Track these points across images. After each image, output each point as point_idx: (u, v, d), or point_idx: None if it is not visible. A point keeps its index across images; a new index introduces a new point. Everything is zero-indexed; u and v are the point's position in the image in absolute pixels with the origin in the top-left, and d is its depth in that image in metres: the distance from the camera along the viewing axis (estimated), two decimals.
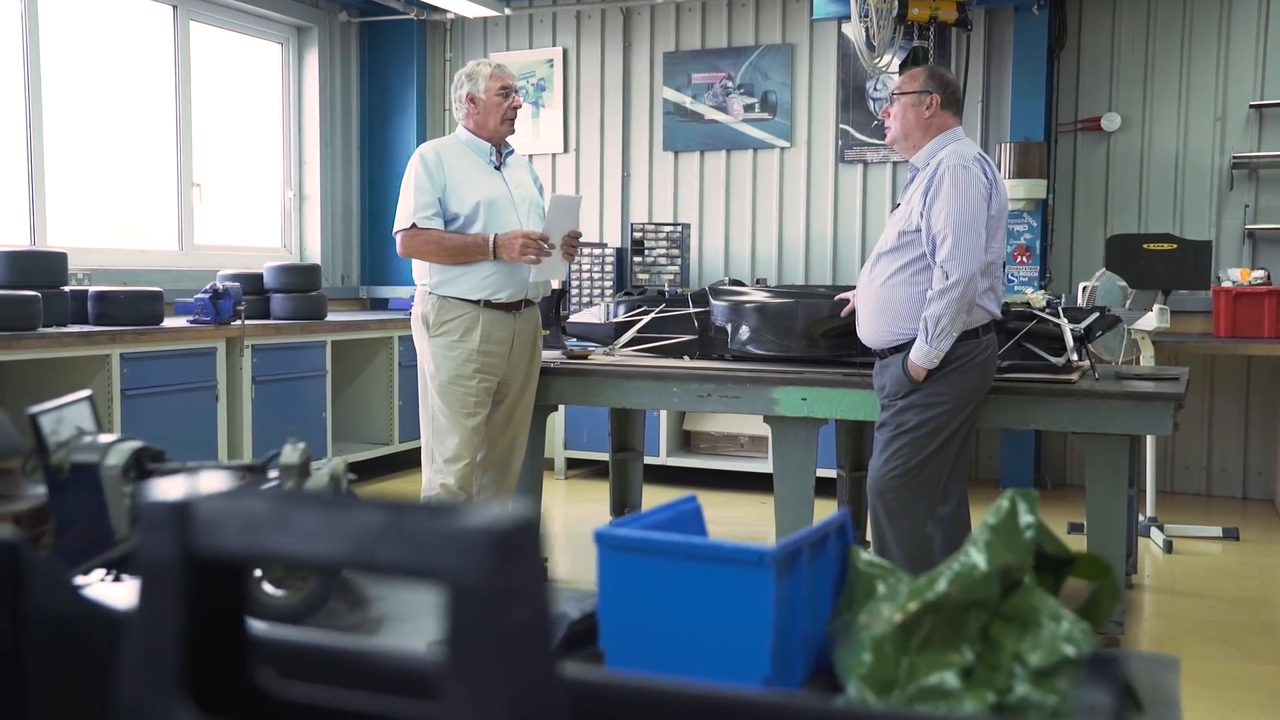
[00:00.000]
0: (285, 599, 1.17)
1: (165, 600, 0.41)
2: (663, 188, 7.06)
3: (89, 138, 5.89)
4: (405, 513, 0.39)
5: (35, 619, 0.58)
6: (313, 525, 0.40)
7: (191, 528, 0.41)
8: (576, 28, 7.23)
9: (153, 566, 0.41)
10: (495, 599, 0.37)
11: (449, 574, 0.38)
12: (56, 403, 1.21)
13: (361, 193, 7.50)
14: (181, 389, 5.01)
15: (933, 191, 3.32)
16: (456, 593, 0.37)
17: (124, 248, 6.12)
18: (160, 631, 0.41)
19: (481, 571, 0.37)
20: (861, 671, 0.85)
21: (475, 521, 0.38)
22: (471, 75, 4.12)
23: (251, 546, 0.41)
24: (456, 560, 0.37)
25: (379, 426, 6.39)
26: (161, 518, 0.41)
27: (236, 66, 6.84)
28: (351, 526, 0.39)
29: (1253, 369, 6.04)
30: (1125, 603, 4.04)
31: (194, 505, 0.41)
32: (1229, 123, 6.03)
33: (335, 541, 0.40)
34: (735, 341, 4.27)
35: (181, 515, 0.41)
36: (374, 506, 0.40)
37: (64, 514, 1.17)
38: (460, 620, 0.37)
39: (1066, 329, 3.89)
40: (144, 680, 0.41)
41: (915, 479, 3.40)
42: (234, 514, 0.41)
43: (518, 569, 0.38)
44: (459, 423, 4.02)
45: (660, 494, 5.73)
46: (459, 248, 3.98)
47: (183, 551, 0.41)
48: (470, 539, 0.37)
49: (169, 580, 0.41)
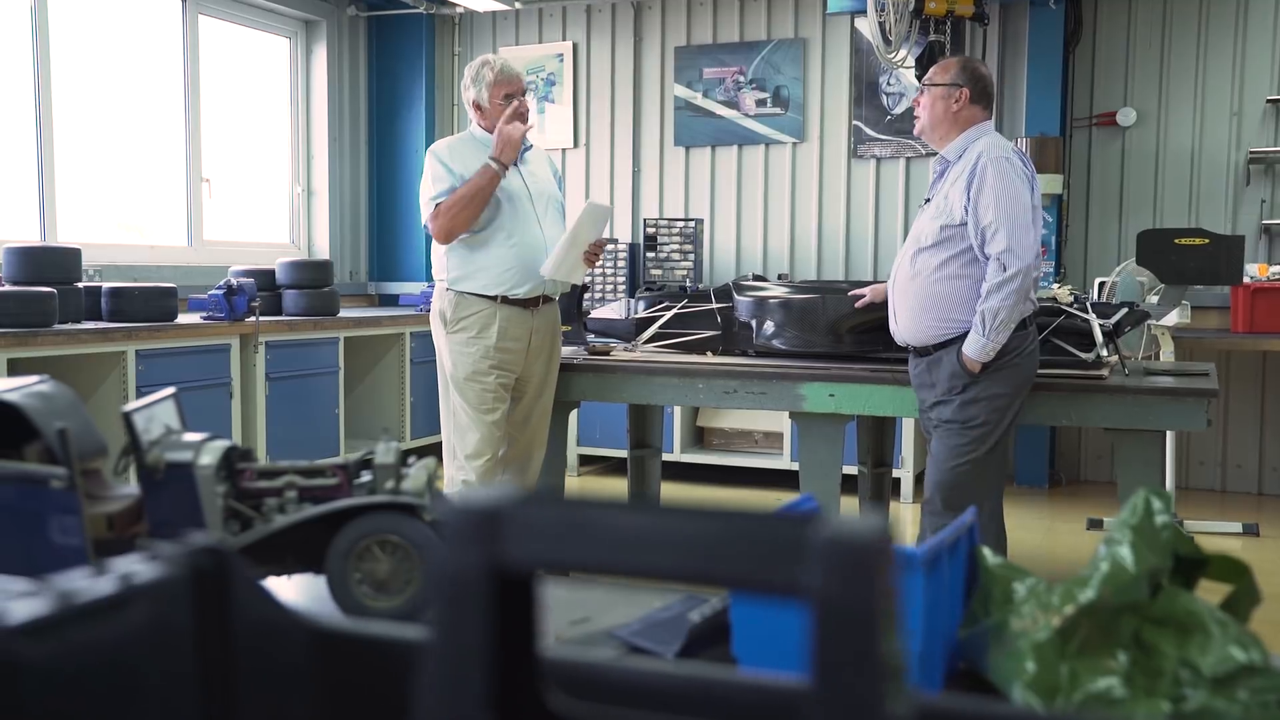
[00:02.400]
0: (388, 602, 1.13)
1: (471, 616, 0.38)
2: (674, 183, 7.03)
3: (95, 132, 5.84)
4: (745, 521, 0.36)
5: (243, 629, 0.55)
6: (638, 534, 0.37)
7: (500, 538, 0.38)
8: (587, 22, 7.19)
9: (458, 579, 0.38)
10: (868, 619, 0.34)
11: (815, 591, 0.35)
12: (146, 400, 1.18)
13: (370, 188, 7.45)
14: (197, 386, 4.97)
15: (976, 184, 3.30)
16: (825, 613, 0.34)
17: (133, 243, 6.07)
18: (466, 650, 0.38)
19: (855, 589, 0.34)
20: (1026, 679, 0.82)
21: (843, 533, 0.35)
22: (476, 80, 4.03)
23: (565, 557, 0.37)
24: (827, 576, 0.34)
25: (391, 423, 6.35)
26: (469, 527, 0.38)
27: (244, 61, 6.79)
28: (687, 535, 0.36)
29: (1269, 364, 6.02)
30: None
31: (503, 513, 0.38)
32: (1245, 118, 6.01)
33: (668, 552, 0.36)
34: (760, 337, 4.24)
35: (490, 524, 0.38)
36: (704, 514, 0.37)
37: (158, 515, 1.14)
38: (830, 643, 0.34)
39: (1096, 325, 3.87)
40: (448, 702, 0.38)
41: (982, 472, 3.40)
42: (546, 523, 0.38)
43: (886, 585, 0.35)
44: (479, 418, 3.99)
45: (675, 491, 5.71)
46: (473, 189, 3.85)
47: (491, 563, 0.38)
48: (843, 552, 0.34)
49: (476, 594, 0.38)
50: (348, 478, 1.20)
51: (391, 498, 1.14)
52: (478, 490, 0.38)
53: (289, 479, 1.19)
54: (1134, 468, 3.61)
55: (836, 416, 3.94)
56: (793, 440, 6.03)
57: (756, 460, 6.21)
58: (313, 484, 1.19)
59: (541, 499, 0.38)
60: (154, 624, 0.50)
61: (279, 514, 1.17)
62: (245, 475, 1.19)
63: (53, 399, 1.17)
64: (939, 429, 3.51)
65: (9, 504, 1.06)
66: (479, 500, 0.38)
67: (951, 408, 3.46)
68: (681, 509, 0.37)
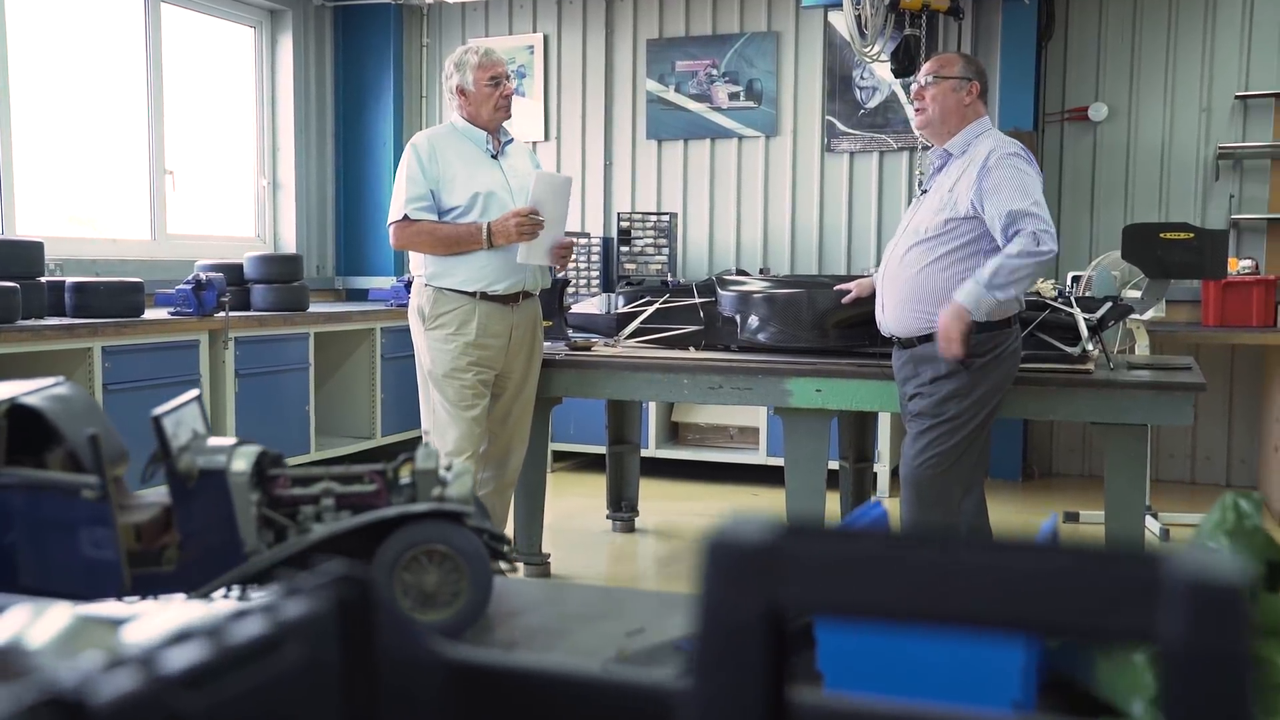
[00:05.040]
0: (435, 615, 1.08)
1: (744, 663, 0.33)
2: (646, 177, 6.97)
3: (50, 123, 5.68)
4: (1082, 558, 0.31)
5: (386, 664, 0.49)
6: (945, 573, 0.32)
7: (779, 579, 0.33)
8: (558, 13, 7.11)
9: (728, 621, 0.33)
10: (1239, 671, 0.30)
11: (1174, 638, 0.30)
12: (173, 403, 1.11)
13: (337, 181, 7.33)
14: (165, 383, 4.85)
15: (994, 179, 3.28)
16: (1188, 663, 0.30)
17: (95, 237, 5.92)
18: (736, 698, 0.33)
19: (1224, 637, 0.30)
20: (1149, 694, 0.78)
21: (1205, 573, 0.30)
22: (460, 65, 3.99)
23: (857, 601, 0.32)
24: (1191, 622, 0.30)
25: (361, 420, 6.26)
26: (743, 566, 0.32)
27: (208, 51, 6.64)
28: (1007, 575, 0.31)
29: (1236, 358, 6.08)
30: None
31: (782, 552, 0.33)
32: (1214, 113, 6.05)
33: (986, 595, 0.32)
34: (745, 332, 4.20)
35: (767, 563, 0.33)
36: (1023, 549, 0.32)
37: (189, 525, 1.07)
38: (1193, 697, 0.30)
39: (1080, 319, 3.87)
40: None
41: (953, 468, 3.38)
42: (831, 561, 0.33)
43: (1254, 633, 0.30)
44: (459, 415, 3.92)
45: (650, 486, 5.65)
46: (451, 238, 3.87)
47: (769, 608, 0.33)
48: (1209, 595, 0.30)
49: (754, 643, 0.33)
50: (385, 484, 1.15)
51: (437, 505, 1.08)
52: (746, 523, 0.33)
53: (325, 486, 1.13)
54: (1121, 462, 3.61)
55: (822, 412, 3.91)
56: (768, 435, 6.01)
57: (731, 455, 6.18)
58: (350, 491, 1.13)
59: (822, 533, 0.33)
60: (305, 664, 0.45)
61: (315, 523, 1.11)
62: (278, 482, 1.13)
63: (71, 402, 1.10)
64: (912, 421, 3.50)
65: (40, 516, 0.99)
66: (752, 536, 0.33)
67: (928, 401, 3.44)
68: (991, 544, 0.32)
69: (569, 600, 1.23)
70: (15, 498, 1.00)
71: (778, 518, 0.34)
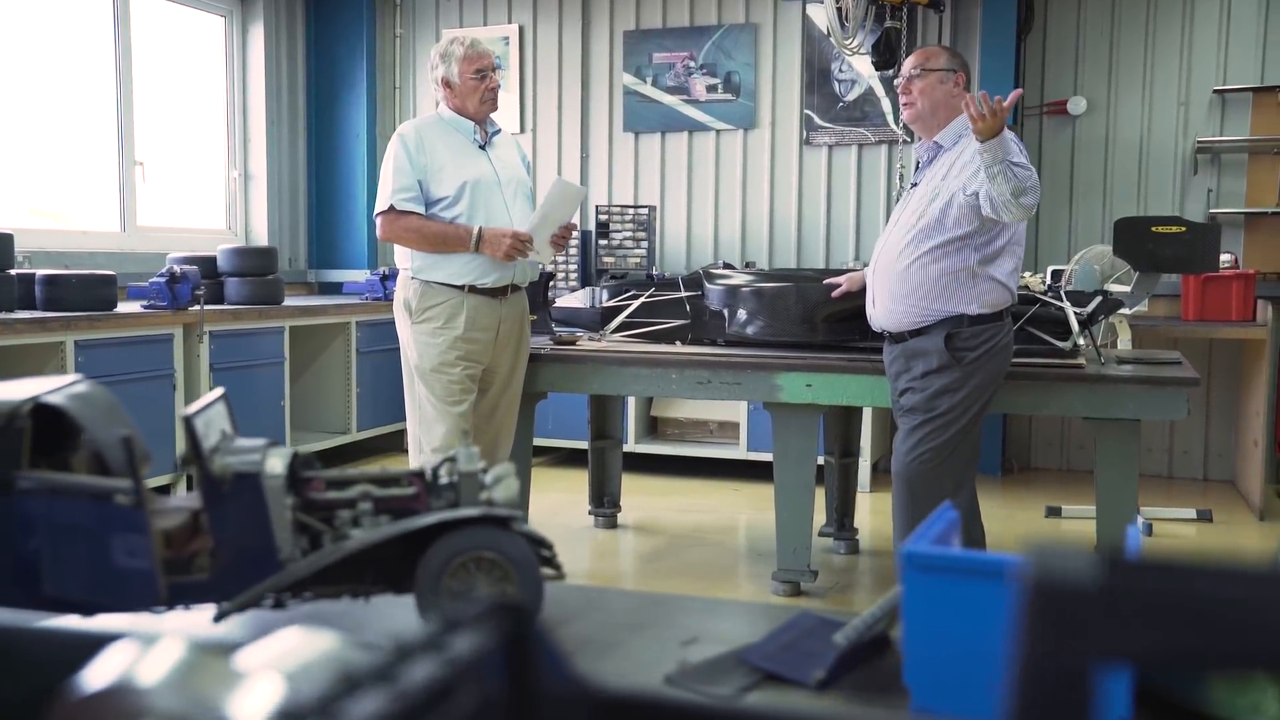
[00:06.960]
0: None
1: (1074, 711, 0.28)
2: (623, 170, 6.91)
3: (20, 114, 5.54)
4: None
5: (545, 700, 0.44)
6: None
7: (1105, 625, 0.28)
8: (533, 4, 7.03)
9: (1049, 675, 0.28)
10: None
11: None
12: (202, 403, 1.05)
13: (309, 172, 7.21)
14: (139, 377, 4.75)
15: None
16: None
17: (64, 229, 5.79)
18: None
19: None
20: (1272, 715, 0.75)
21: None
22: (446, 56, 3.94)
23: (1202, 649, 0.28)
24: None
25: (336, 415, 6.17)
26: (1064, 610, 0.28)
27: (177, 40, 6.51)
28: None
29: (1214, 352, 6.11)
30: None
31: (1111, 594, 0.28)
32: (1192, 107, 6.08)
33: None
34: (733, 326, 4.16)
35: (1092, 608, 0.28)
36: None
37: (223, 531, 1.01)
38: None
39: (1071, 313, 3.86)
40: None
41: (946, 463, 3.35)
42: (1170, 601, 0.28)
43: None
44: (445, 410, 3.86)
45: (629, 481, 5.60)
46: (439, 236, 3.82)
47: (1092, 658, 0.28)
48: None
49: (1074, 696, 0.28)
50: (425, 488, 1.09)
51: (485, 510, 1.03)
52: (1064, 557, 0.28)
53: (363, 489, 1.07)
54: (1112, 457, 3.60)
55: (812, 407, 3.88)
56: (748, 430, 5.97)
57: (711, 450, 6.14)
58: (389, 494, 1.08)
59: (1152, 569, 0.28)
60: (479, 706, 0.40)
61: (353, 528, 1.05)
62: (313, 485, 1.07)
63: (93, 401, 1.03)
64: (904, 416, 3.47)
65: (66, 522, 0.93)
66: (1071, 574, 0.28)
67: (920, 396, 3.42)
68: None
69: (611, 607, 1.18)
70: (38, 503, 0.94)
71: (1090, 547, 0.29)
